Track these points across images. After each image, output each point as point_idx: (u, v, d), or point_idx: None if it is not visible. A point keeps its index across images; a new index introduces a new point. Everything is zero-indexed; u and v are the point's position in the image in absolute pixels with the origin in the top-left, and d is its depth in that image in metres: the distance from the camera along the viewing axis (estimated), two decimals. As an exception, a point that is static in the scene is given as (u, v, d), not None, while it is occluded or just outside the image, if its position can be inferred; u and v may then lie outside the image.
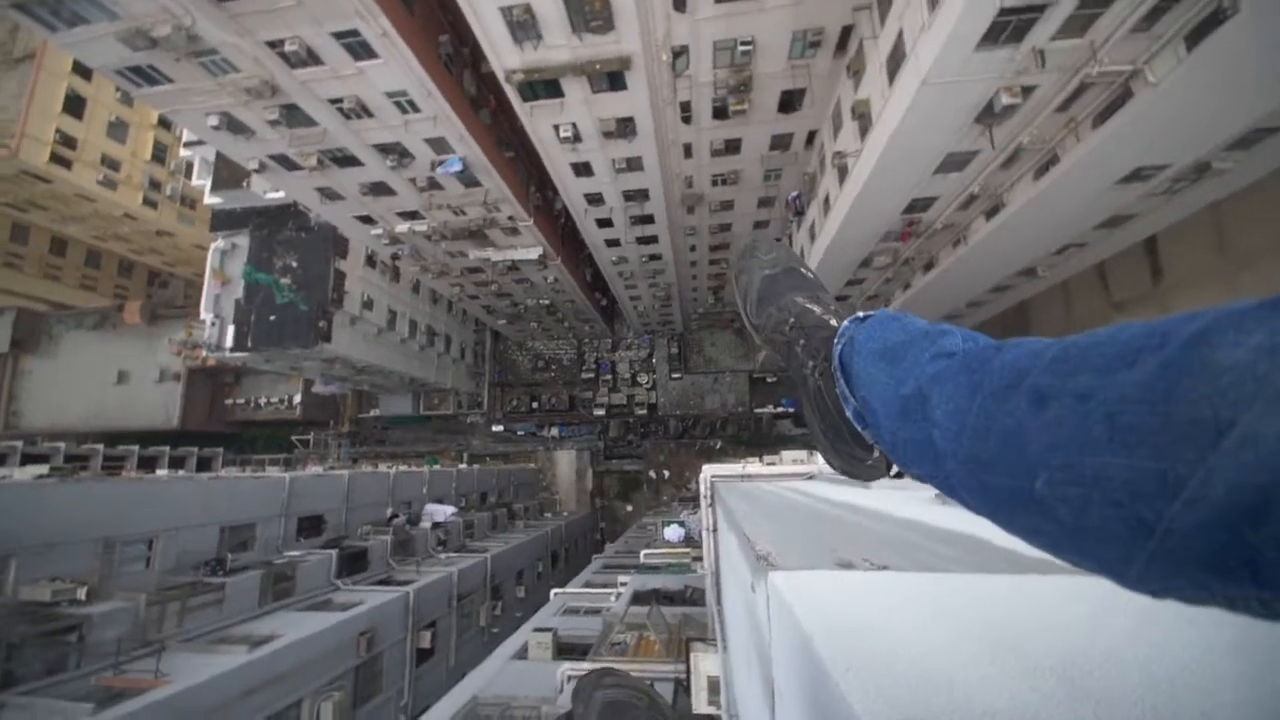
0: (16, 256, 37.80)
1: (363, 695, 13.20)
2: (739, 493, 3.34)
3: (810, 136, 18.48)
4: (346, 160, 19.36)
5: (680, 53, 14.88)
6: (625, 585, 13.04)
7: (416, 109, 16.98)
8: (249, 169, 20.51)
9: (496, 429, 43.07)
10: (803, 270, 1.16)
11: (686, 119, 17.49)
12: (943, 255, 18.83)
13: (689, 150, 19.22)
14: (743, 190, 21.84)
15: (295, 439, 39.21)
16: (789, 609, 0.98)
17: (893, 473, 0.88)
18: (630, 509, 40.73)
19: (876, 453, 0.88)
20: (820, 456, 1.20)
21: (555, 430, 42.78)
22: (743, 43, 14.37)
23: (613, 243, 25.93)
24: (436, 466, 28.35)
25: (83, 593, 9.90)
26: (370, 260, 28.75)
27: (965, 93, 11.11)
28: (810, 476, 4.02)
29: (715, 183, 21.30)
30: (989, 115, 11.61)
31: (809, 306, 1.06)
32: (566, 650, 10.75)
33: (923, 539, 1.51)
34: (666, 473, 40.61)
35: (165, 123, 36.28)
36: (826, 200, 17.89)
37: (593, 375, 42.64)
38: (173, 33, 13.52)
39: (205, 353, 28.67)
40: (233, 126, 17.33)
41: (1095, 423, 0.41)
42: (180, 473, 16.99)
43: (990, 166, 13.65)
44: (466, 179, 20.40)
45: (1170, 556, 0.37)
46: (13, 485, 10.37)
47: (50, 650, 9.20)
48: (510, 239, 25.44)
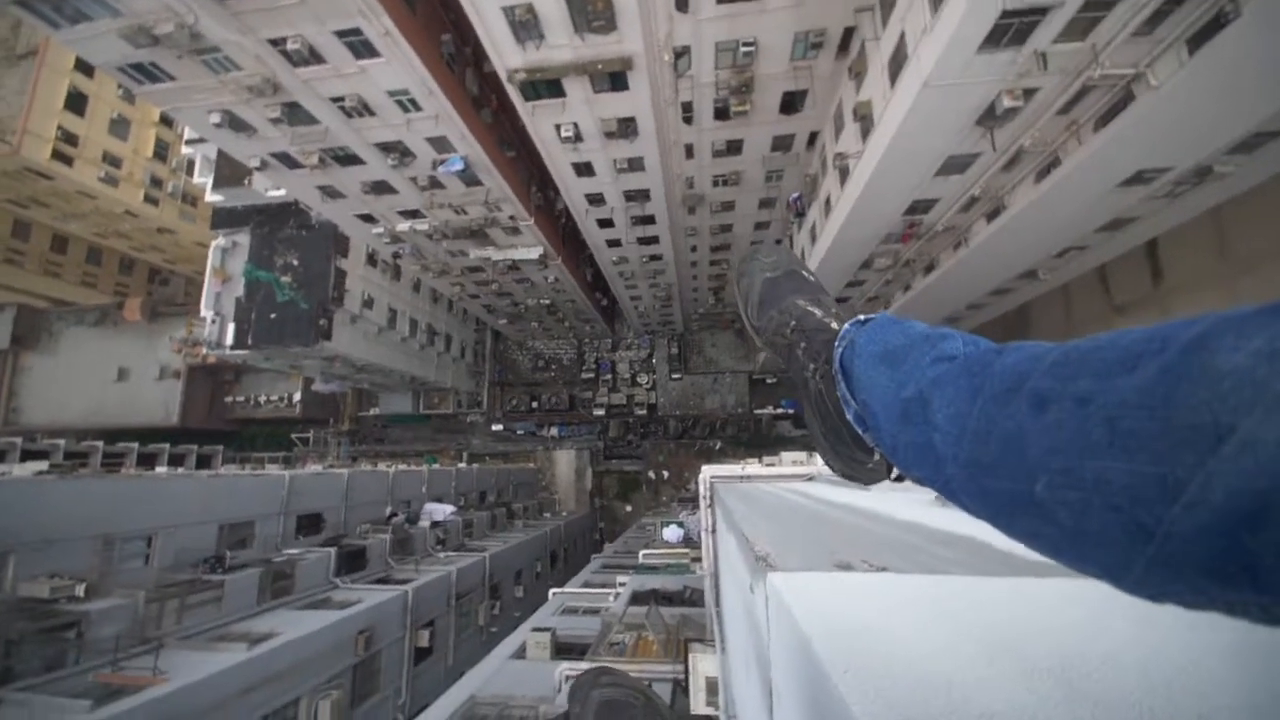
0: (17, 253, 37.77)
1: (361, 694, 13.20)
2: (738, 494, 3.34)
3: (812, 138, 18.48)
4: (348, 159, 19.38)
5: (682, 53, 14.89)
6: (624, 585, 13.02)
7: (418, 108, 16.99)
8: (250, 167, 20.51)
9: (496, 428, 43.04)
10: (804, 273, 1.17)
11: (688, 119, 17.49)
12: (943, 257, 18.83)
13: (690, 151, 19.22)
14: (744, 191, 21.82)
15: (295, 437, 39.25)
16: (788, 610, 0.98)
17: (893, 476, 0.88)
18: (629, 509, 40.70)
19: (877, 456, 0.88)
20: (820, 458, 1.20)
21: (555, 430, 42.76)
22: (745, 44, 14.37)
23: (614, 243, 25.93)
24: (436, 465, 28.33)
25: (81, 589, 9.89)
26: (371, 259, 28.74)
27: (967, 95, 11.12)
28: (810, 478, 4.01)
29: (716, 183, 21.28)
30: (990, 118, 11.61)
31: (810, 309, 1.06)
32: (565, 650, 10.74)
33: (922, 541, 1.51)
34: (666, 473, 40.59)
35: (167, 120, 36.23)
36: (828, 201, 17.89)
37: (593, 375, 42.62)
38: (175, 30, 13.55)
39: (205, 350, 28.59)
40: (234, 124, 17.34)
41: (1095, 427, 0.42)
42: (180, 470, 16.97)
43: (992, 169, 13.65)
44: (468, 178, 20.41)
45: (1169, 561, 0.37)
46: (12, 482, 10.34)
47: (48, 647, 9.18)
48: (511, 238, 25.43)
